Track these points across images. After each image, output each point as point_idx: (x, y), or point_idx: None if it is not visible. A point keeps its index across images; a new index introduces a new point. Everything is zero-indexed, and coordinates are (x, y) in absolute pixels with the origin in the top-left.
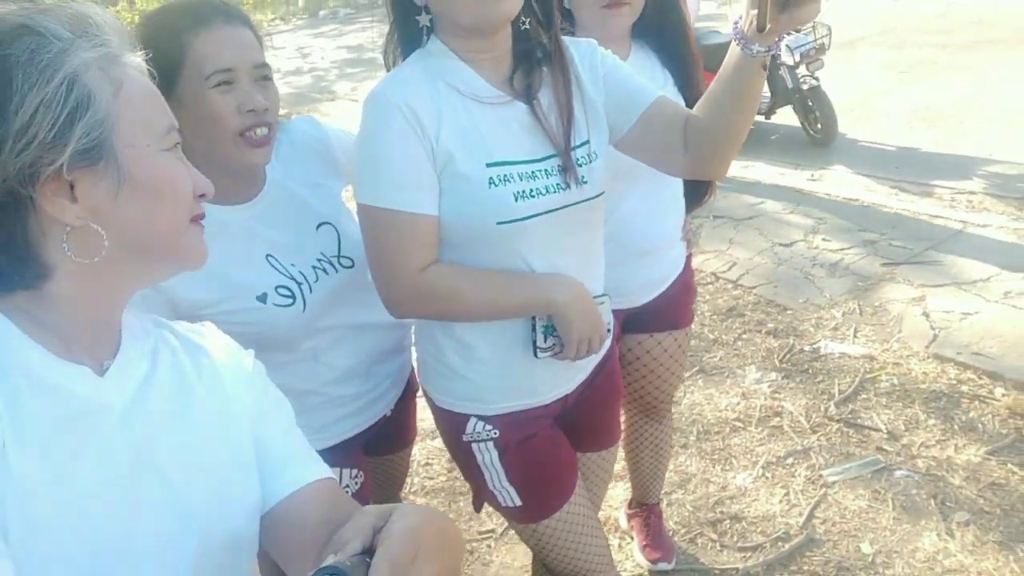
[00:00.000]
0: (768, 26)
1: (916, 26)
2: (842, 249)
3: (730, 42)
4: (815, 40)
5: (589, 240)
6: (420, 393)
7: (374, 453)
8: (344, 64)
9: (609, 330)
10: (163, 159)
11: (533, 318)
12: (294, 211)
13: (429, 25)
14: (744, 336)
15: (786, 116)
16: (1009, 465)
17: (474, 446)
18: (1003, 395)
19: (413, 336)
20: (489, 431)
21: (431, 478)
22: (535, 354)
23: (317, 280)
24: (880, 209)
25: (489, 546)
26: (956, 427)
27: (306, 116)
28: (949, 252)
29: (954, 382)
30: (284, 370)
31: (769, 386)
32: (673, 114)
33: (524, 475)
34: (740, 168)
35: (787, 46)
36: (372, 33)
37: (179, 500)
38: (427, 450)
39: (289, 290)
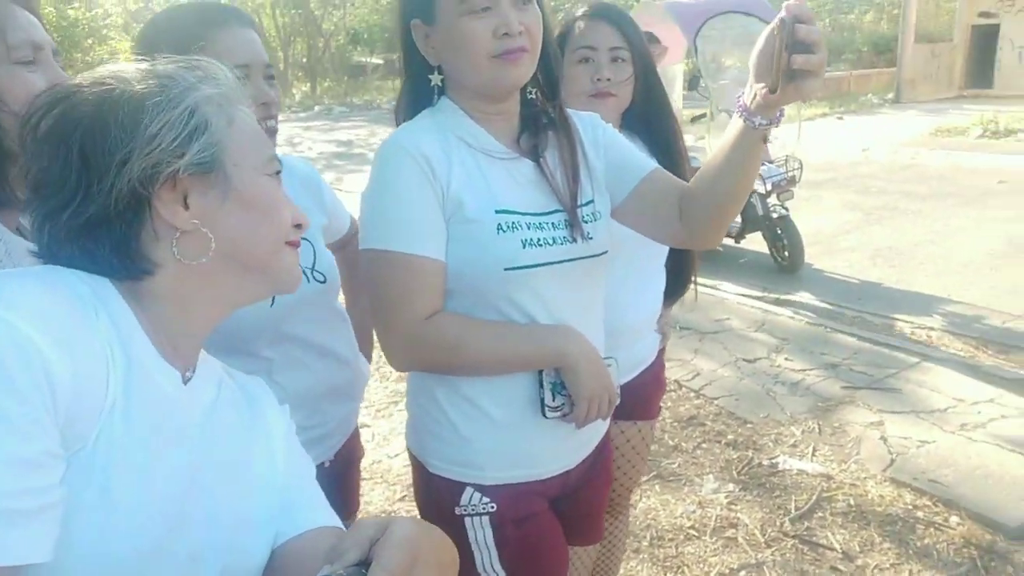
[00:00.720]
0: (779, 89)
1: (881, 175)
2: (804, 370)
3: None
4: (787, 172)
5: (592, 300)
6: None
7: None
8: (332, 156)
9: (618, 395)
10: (265, 181)
11: (540, 374)
12: None
13: (440, 85)
14: (704, 445)
15: (755, 242)
16: None
17: (467, 520)
18: (958, 523)
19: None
20: (486, 504)
21: None
22: (543, 414)
23: None
24: (842, 336)
25: None
26: (911, 552)
27: (302, 158)
28: (908, 381)
29: (910, 507)
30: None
31: (726, 497)
32: (669, 184)
33: (518, 559)
34: (708, 287)
35: (760, 175)
36: (363, 132)
37: (215, 525)
38: None
39: None
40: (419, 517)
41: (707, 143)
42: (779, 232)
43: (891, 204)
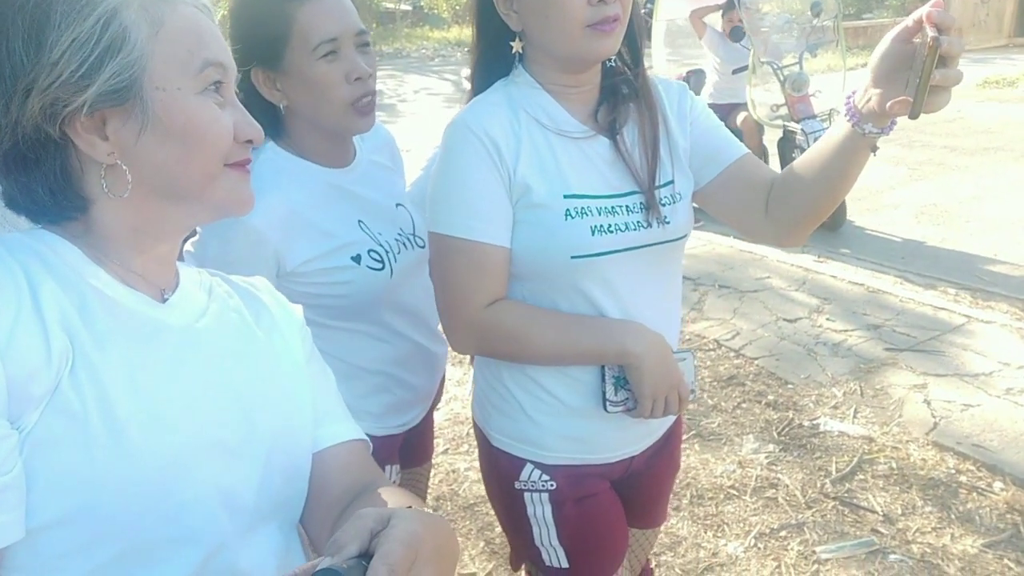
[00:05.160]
0: (920, 115)
1: (925, 128)
2: (846, 330)
3: None
4: (829, 127)
5: (667, 288)
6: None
7: (403, 465)
8: None
9: (692, 391)
10: (195, 103)
11: (602, 368)
12: (380, 186)
13: (522, 52)
14: (743, 405)
15: None
16: (1006, 560)
17: (526, 495)
18: (1002, 489)
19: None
20: (545, 482)
21: None
22: (604, 408)
23: (400, 252)
24: (885, 296)
25: None
26: (953, 516)
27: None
28: (952, 344)
29: (953, 471)
30: (358, 343)
31: (766, 457)
32: (758, 174)
33: (577, 536)
34: (747, 243)
35: (802, 129)
36: (392, 82)
37: (247, 418)
38: None
39: (379, 255)
40: (483, 484)
41: (748, 96)
42: None
43: (936, 159)
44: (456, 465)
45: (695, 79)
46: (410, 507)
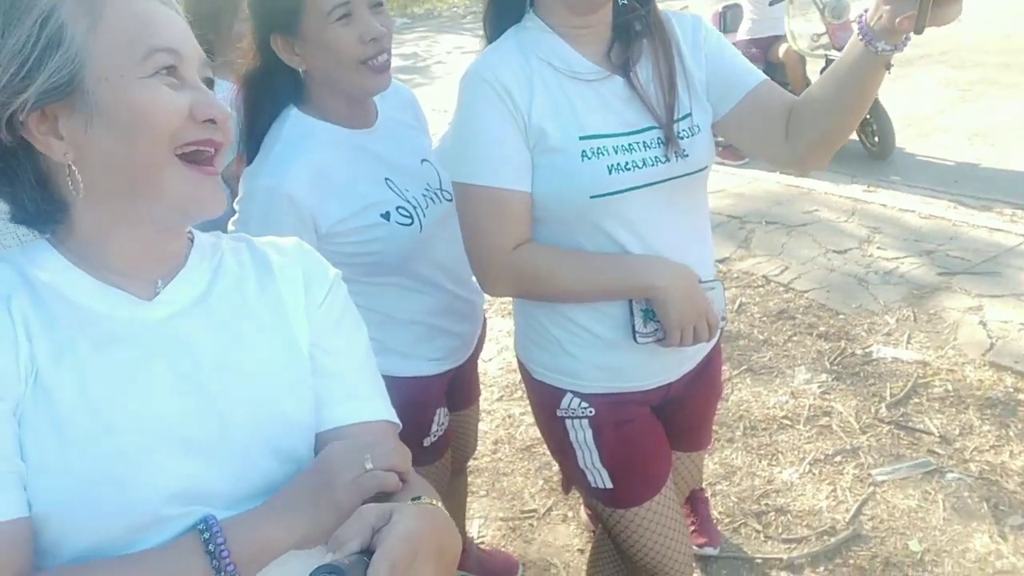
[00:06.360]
0: (925, 28)
1: (978, 47)
2: (897, 258)
3: None
4: None
5: (692, 219)
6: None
7: (450, 408)
8: (397, 71)
9: (723, 318)
10: (138, 86)
11: (630, 301)
12: (404, 144)
13: None
14: (794, 338)
15: None
16: None
17: (568, 422)
18: None
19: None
20: (585, 408)
21: (475, 458)
22: (634, 339)
23: (428, 207)
24: (937, 221)
25: (531, 525)
26: (1012, 434)
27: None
28: (1008, 265)
29: (1011, 390)
30: (396, 297)
31: (819, 387)
32: (777, 100)
33: (618, 458)
34: (794, 178)
35: None
36: (426, 43)
37: (220, 416)
38: None
39: (407, 211)
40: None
41: (787, 28)
42: (867, 116)
43: (989, 78)
44: (512, 411)
45: (732, 14)
46: (418, 497)
